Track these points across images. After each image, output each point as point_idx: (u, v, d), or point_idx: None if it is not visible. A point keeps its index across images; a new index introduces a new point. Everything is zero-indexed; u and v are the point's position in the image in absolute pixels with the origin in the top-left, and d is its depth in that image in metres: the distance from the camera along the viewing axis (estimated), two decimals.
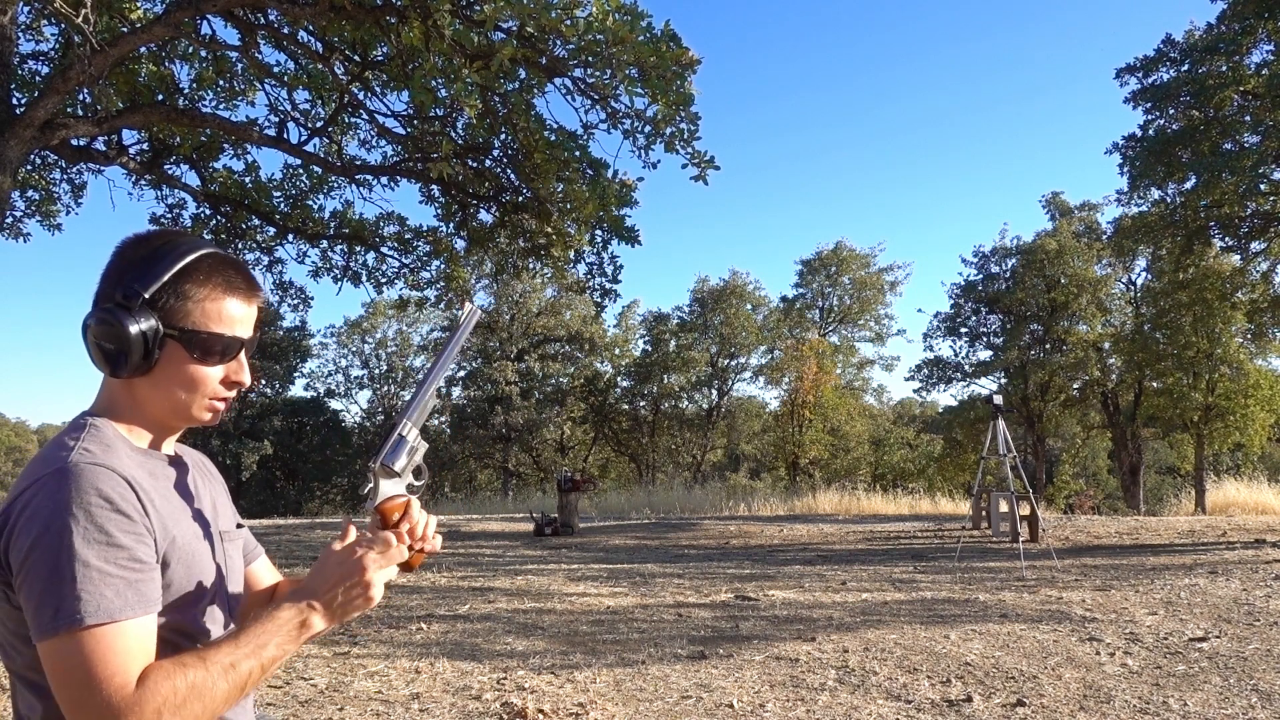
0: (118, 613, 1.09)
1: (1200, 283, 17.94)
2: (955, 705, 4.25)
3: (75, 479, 1.12)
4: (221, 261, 1.27)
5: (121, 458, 1.19)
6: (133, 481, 1.16)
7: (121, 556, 1.11)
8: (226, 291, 1.26)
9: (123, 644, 1.09)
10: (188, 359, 1.24)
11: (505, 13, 5.87)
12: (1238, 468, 30.69)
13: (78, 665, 1.06)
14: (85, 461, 1.14)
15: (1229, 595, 7.19)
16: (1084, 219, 28.35)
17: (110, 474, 1.14)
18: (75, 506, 1.10)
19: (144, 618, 1.12)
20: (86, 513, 1.10)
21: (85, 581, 1.08)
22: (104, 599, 1.08)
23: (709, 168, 6.93)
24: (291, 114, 10.01)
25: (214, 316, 1.25)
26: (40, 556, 1.08)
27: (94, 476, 1.13)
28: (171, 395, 1.26)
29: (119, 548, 1.11)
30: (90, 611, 1.07)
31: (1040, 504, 17.79)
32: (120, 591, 1.10)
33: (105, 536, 1.10)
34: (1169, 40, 14.48)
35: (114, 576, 1.10)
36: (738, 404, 35.37)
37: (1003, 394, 21.50)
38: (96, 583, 1.08)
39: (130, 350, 1.20)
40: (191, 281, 1.24)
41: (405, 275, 11.51)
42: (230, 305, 1.26)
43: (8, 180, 7.09)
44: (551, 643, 5.62)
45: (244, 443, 32.28)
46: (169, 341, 1.22)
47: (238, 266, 1.30)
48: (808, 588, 7.85)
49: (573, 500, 13.50)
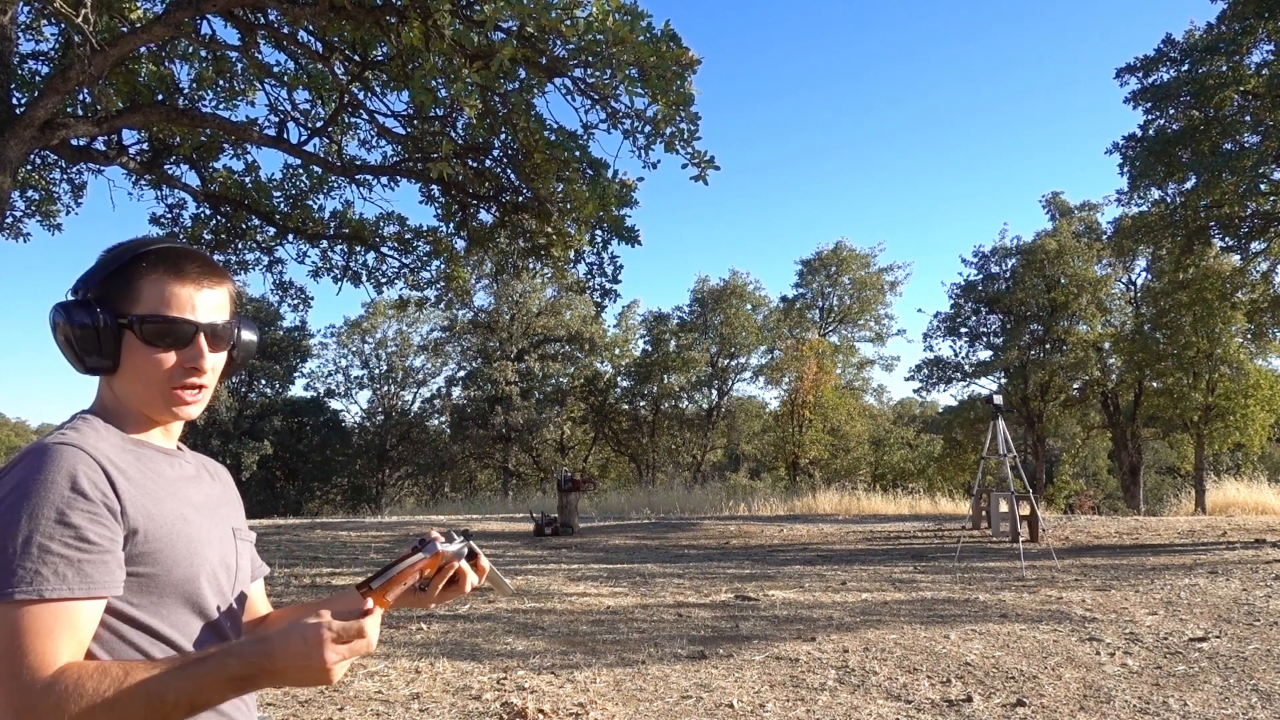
0: (49, 591, 1.07)
1: (1200, 283, 17.93)
2: (955, 705, 4.25)
3: (43, 456, 1.13)
4: (173, 251, 1.29)
5: (101, 442, 1.20)
6: (104, 461, 1.16)
7: (68, 535, 1.09)
8: (173, 276, 1.27)
9: (47, 624, 1.07)
10: (142, 347, 1.25)
11: (505, 13, 5.87)
12: (1238, 468, 30.69)
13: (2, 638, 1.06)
14: (56, 442, 1.16)
15: (1229, 595, 7.19)
16: (1084, 219, 28.35)
17: (78, 452, 1.14)
18: (32, 483, 1.10)
19: (81, 602, 1.10)
20: (43, 489, 1.10)
21: (23, 556, 1.07)
22: (38, 576, 1.07)
23: (709, 168, 6.93)
24: (291, 114, 10.01)
25: (160, 300, 1.25)
26: None
27: (60, 455, 1.14)
28: (137, 387, 1.26)
29: (67, 525, 1.10)
30: (18, 585, 1.06)
31: (1040, 504, 17.78)
32: (58, 570, 1.08)
33: (55, 514, 1.09)
34: (1169, 40, 14.48)
35: (54, 555, 1.08)
36: (738, 404, 35.37)
37: (1003, 394, 21.50)
38: (35, 559, 1.07)
39: (83, 343, 1.23)
40: (135, 271, 1.26)
41: (405, 275, 11.51)
42: (177, 289, 1.26)
43: (8, 180, 7.09)
44: (551, 643, 5.62)
45: (244, 443, 32.26)
46: (125, 332, 1.24)
47: (190, 254, 1.30)
48: (808, 588, 7.84)
49: (573, 500, 13.50)
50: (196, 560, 1.24)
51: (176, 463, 1.32)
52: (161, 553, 1.19)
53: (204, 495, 1.34)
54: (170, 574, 1.20)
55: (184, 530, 1.24)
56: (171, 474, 1.29)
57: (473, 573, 1.38)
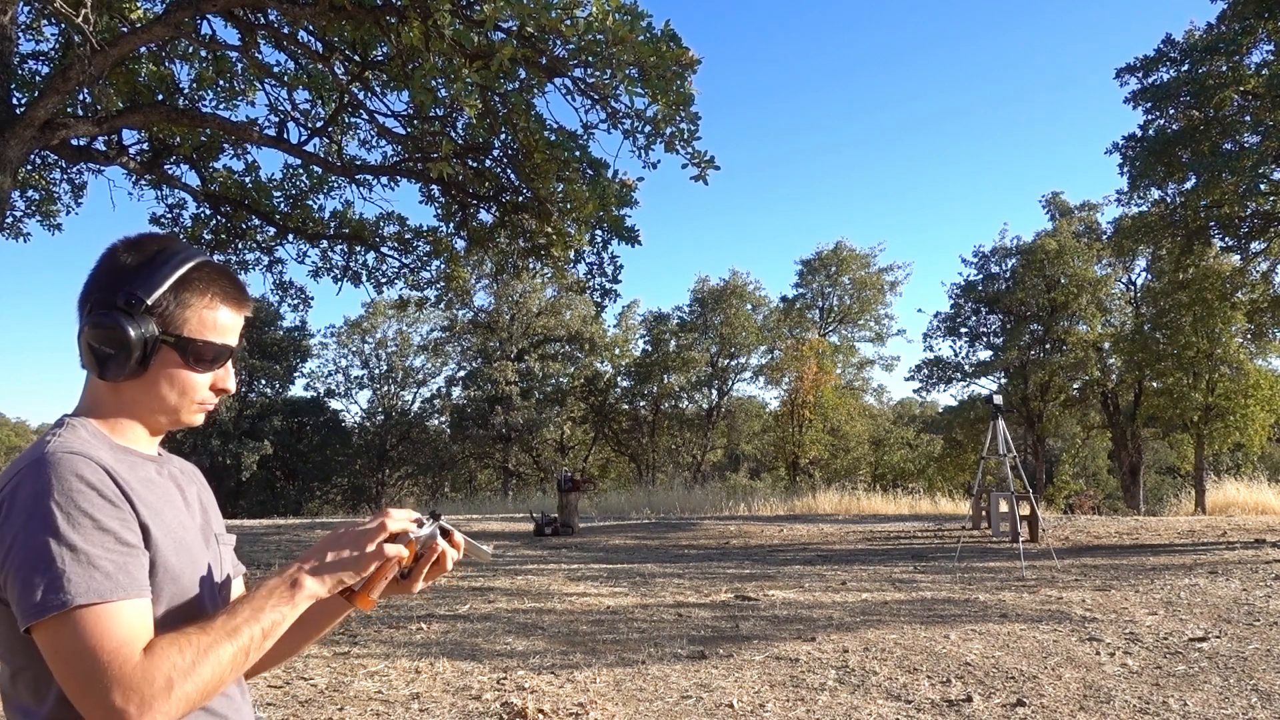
0: (109, 594, 1.08)
1: (1200, 283, 17.93)
2: (955, 705, 4.25)
3: (54, 466, 1.12)
4: (218, 271, 1.31)
5: (100, 449, 1.19)
6: (111, 470, 1.16)
7: (108, 540, 1.10)
8: (222, 301, 1.29)
9: (119, 622, 1.08)
10: (181, 364, 1.26)
11: (505, 13, 5.87)
12: (1238, 468, 30.70)
13: (77, 647, 1.05)
14: (62, 450, 1.15)
15: (1229, 595, 7.19)
16: (1084, 219, 28.34)
17: (87, 461, 1.14)
18: (57, 492, 1.09)
19: (136, 600, 1.11)
20: (68, 497, 1.09)
21: (74, 564, 1.07)
22: (93, 580, 1.07)
23: (709, 168, 6.93)
24: (291, 114, 10.01)
25: (210, 325, 1.27)
26: (25, 542, 1.07)
27: (72, 463, 1.13)
28: (162, 399, 1.27)
29: (105, 531, 1.10)
30: (80, 593, 1.06)
31: (1040, 504, 17.78)
32: (110, 574, 1.09)
33: (91, 520, 1.10)
34: (1169, 40, 14.47)
35: (102, 559, 1.09)
36: (738, 404, 35.35)
37: (1003, 394, 21.48)
38: (85, 565, 1.07)
39: (129, 355, 1.21)
40: (190, 290, 1.26)
41: (405, 275, 11.51)
42: (224, 315, 1.30)
43: (8, 180, 7.09)
44: (551, 643, 5.62)
45: (244, 443, 32.25)
46: (162, 347, 1.24)
47: (232, 276, 1.33)
48: (808, 588, 7.84)
49: (573, 500, 13.50)
50: (196, 569, 1.25)
51: (164, 469, 1.31)
52: (168, 564, 1.19)
53: (188, 502, 1.34)
54: (177, 583, 1.21)
55: (183, 539, 1.24)
56: (160, 482, 1.28)
57: (451, 549, 1.38)
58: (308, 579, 1.20)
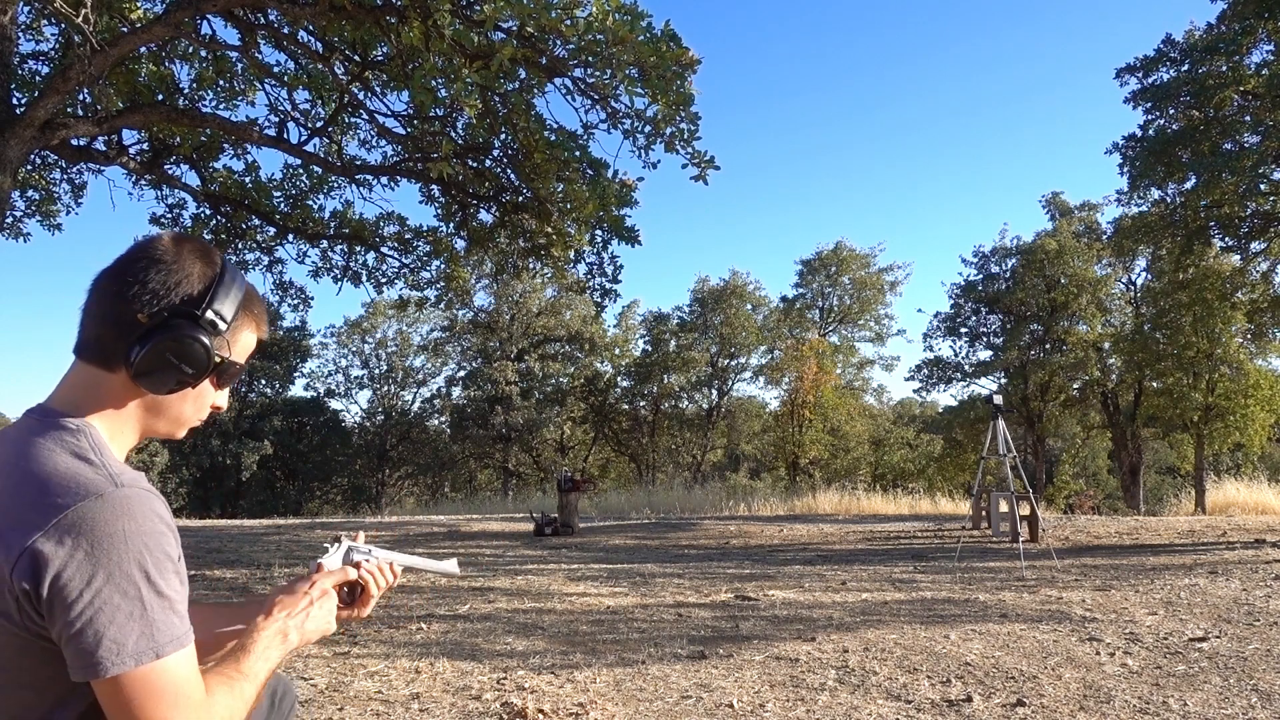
0: (185, 638, 1.11)
1: (1200, 283, 17.93)
2: (955, 705, 4.25)
3: (130, 506, 1.09)
4: (257, 294, 1.32)
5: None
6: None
7: (176, 583, 1.12)
8: (258, 326, 1.31)
9: (192, 663, 1.12)
10: (213, 383, 1.27)
11: (505, 13, 5.87)
12: (1238, 468, 30.71)
13: (165, 692, 1.07)
14: (139, 487, 1.12)
15: (1229, 595, 7.19)
16: (1084, 219, 28.35)
17: (160, 499, 1.14)
18: (145, 536, 1.08)
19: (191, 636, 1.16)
20: (155, 539, 1.09)
21: (161, 611, 1.08)
22: (172, 626, 1.10)
23: (709, 168, 6.93)
24: (291, 114, 10.01)
25: (245, 348, 1.30)
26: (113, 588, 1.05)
27: (150, 503, 1.12)
28: (180, 411, 1.26)
29: (176, 573, 1.12)
30: (167, 640, 1.08)
31: (1040, 504, 17.78)
32: (183, 615, 1.12)
33: (171, 563, 1.12)
34: (1169, 40, 14.48)
35: (179, 603, 1.12)
36: (738, 404, 35.37)
37: (1003, 394, 21.48)
38: (168, 611, 1.09)
39: (201, 375, 1.21)
40: (244, 312, 1.27)
41: (405, 275, 11.52)
42: (256, 339, 1.32)
43: (8, 180, 7.09)
44: (551, 643, 5.62)
45: (244, 443, 32.26)
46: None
47: (262, 300, 1.35)
48: (808, 588, 7.84)
49: (573, 500, 13.49)
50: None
51: None
52: None
53: None
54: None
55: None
56: None
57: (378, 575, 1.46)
58: (292, 633, 1.32)
